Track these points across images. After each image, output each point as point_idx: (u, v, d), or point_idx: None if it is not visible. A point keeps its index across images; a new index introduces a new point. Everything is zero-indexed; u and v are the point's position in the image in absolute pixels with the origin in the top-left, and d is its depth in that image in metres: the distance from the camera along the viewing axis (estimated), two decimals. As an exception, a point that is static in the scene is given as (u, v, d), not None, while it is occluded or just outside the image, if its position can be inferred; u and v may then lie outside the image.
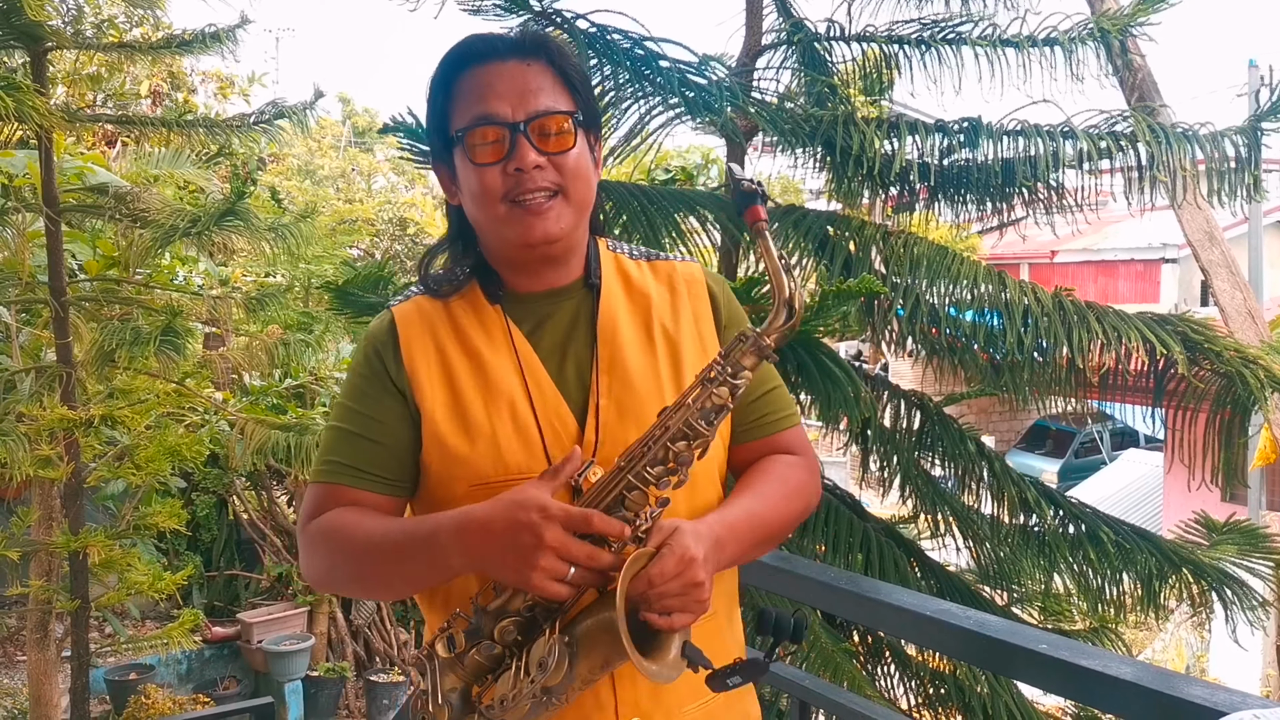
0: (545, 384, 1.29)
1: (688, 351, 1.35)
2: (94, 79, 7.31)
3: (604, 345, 1.32)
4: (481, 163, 1.25)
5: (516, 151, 1.24)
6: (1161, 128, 3.17)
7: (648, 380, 1.31)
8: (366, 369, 1.33)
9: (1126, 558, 3.26)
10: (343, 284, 3.28)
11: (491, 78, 1.27)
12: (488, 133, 1.25)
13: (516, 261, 1.32)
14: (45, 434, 4.25)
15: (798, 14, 3.58)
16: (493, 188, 1.25)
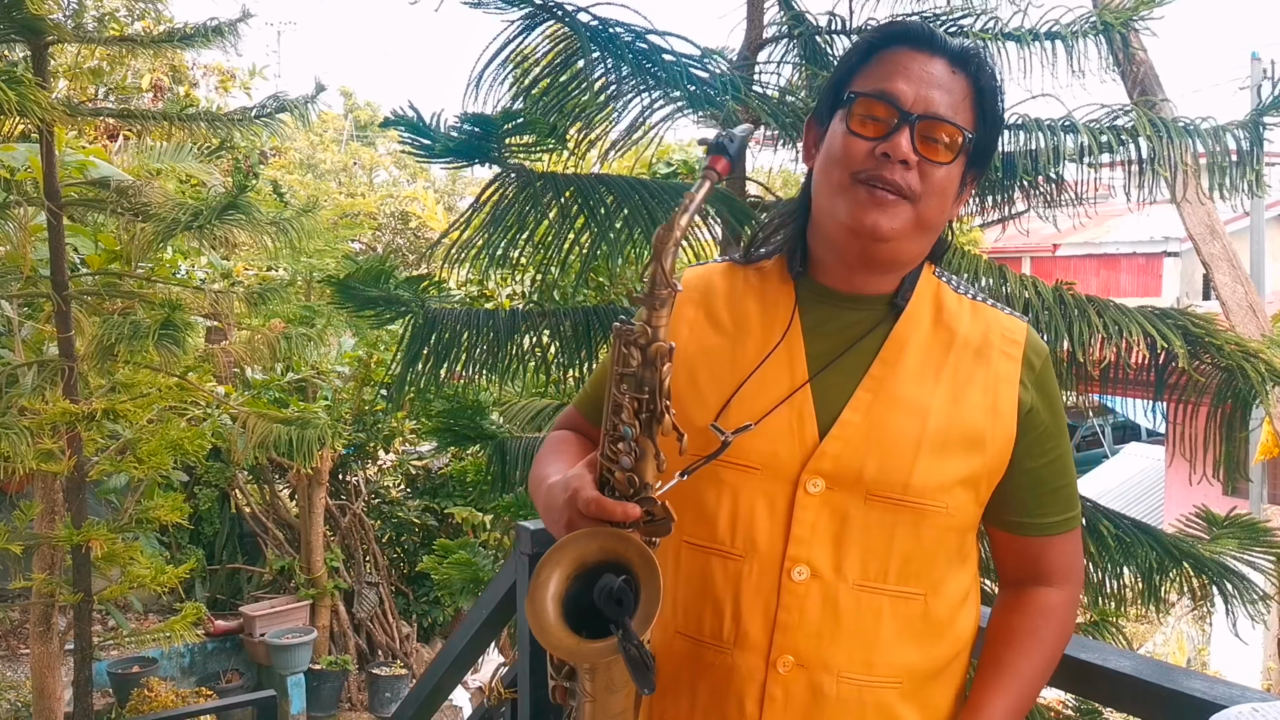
0: (800, 371, 1.23)
1: (970, 405, 1.22)
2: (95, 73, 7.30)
3: (881, 365, 1.23)
4: (856, 131, 1.18)
5: (894, 137, 1.16)
6: (1163, 122, 3.16)
7: (914, 415, 1.20)
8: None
9: (1127, 551, 3.26)
10: (344, 278, 3.28)
11: (912, 64, 1.19)
12: (879, 108, 1.18)
13: (837, 246, 1.24)
14: (47, 428, 4.26)
15: (799, 7, 3.57)
16: (852, 156, 1.18)
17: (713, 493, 1.23)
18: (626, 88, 3.10)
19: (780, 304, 1.27)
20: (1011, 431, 1.24)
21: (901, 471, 1.19)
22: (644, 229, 3.09)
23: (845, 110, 1.20)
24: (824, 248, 1.27)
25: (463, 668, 2.75)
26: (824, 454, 1.19)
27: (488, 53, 3.07)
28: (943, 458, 1.20)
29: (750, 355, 1.25)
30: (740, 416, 1.21)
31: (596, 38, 3.00)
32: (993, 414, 1.23)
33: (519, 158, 3.08)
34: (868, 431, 1.20)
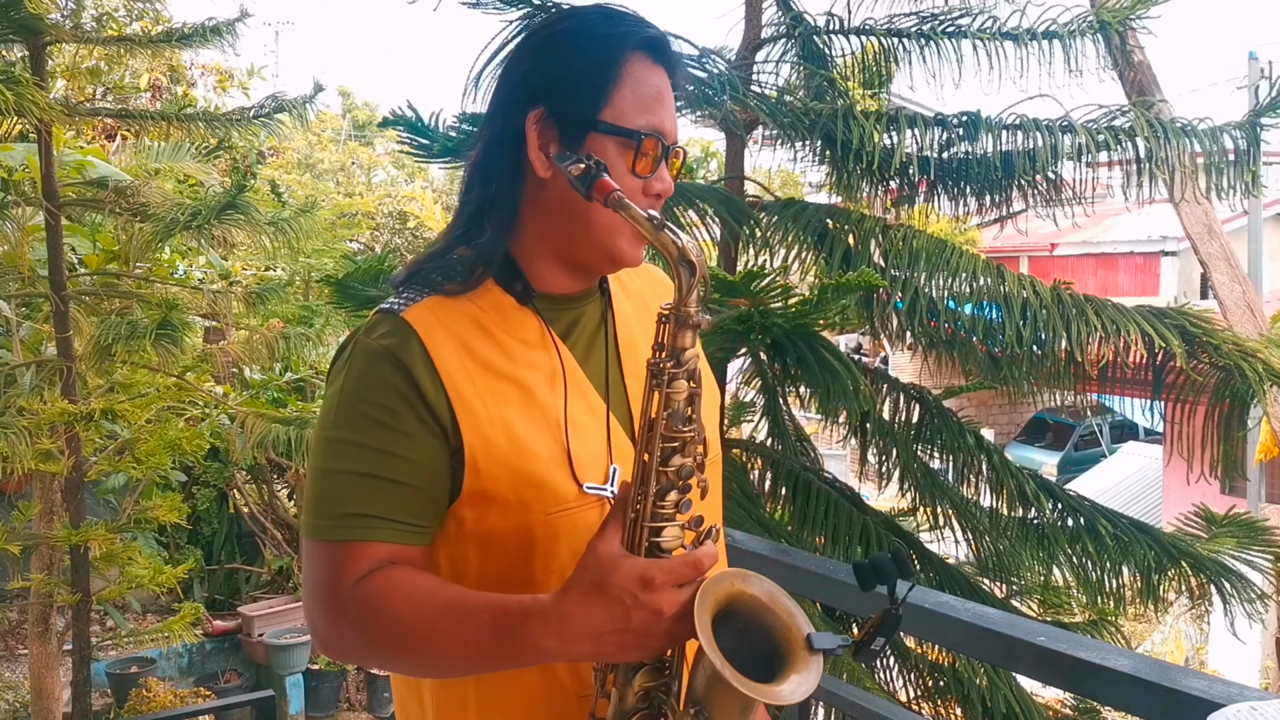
0: (591, 393, 1.21)
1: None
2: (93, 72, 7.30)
3: (625, 348, 1.26)
4: (640, 173, 1.17)
5: (663, 173, 1.19)
6: (1160, 122, 3.17)
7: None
8: (382, 391, 1.11)
9: (1125, 550, 3.27)
10: (343, 278, 3.28)
11: (664, 87, 1.19)
12: (654, 146, 1.17)
13: (585, 265, 1.22)
14: (46, 428, 4.26)
15: (797, 7, 3.58)
16: (632, 198, 1.10)
17: (576, 539, 1.11)
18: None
19: (526, 325, 1.19)
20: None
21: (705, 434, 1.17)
22: (642, 229, 3.08)
23: (619, 142, 1.15)
24: (559, 262, 1.22)
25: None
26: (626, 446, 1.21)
27: (486, 52, 3.06)
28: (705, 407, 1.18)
29: (541, 387, 1.17)
30: (579, 458, 1.16)
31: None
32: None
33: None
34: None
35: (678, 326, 1.06)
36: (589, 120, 1.15)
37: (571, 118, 1.16)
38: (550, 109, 1.16)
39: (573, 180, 1.09)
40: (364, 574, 1.10)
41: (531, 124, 1.16)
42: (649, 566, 1.00)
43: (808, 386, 2.88)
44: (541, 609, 1.02)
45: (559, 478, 1.13)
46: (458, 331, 1.15)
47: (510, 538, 1.13)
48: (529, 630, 1.02)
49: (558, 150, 1.15)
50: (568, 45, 1.19)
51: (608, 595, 0.99)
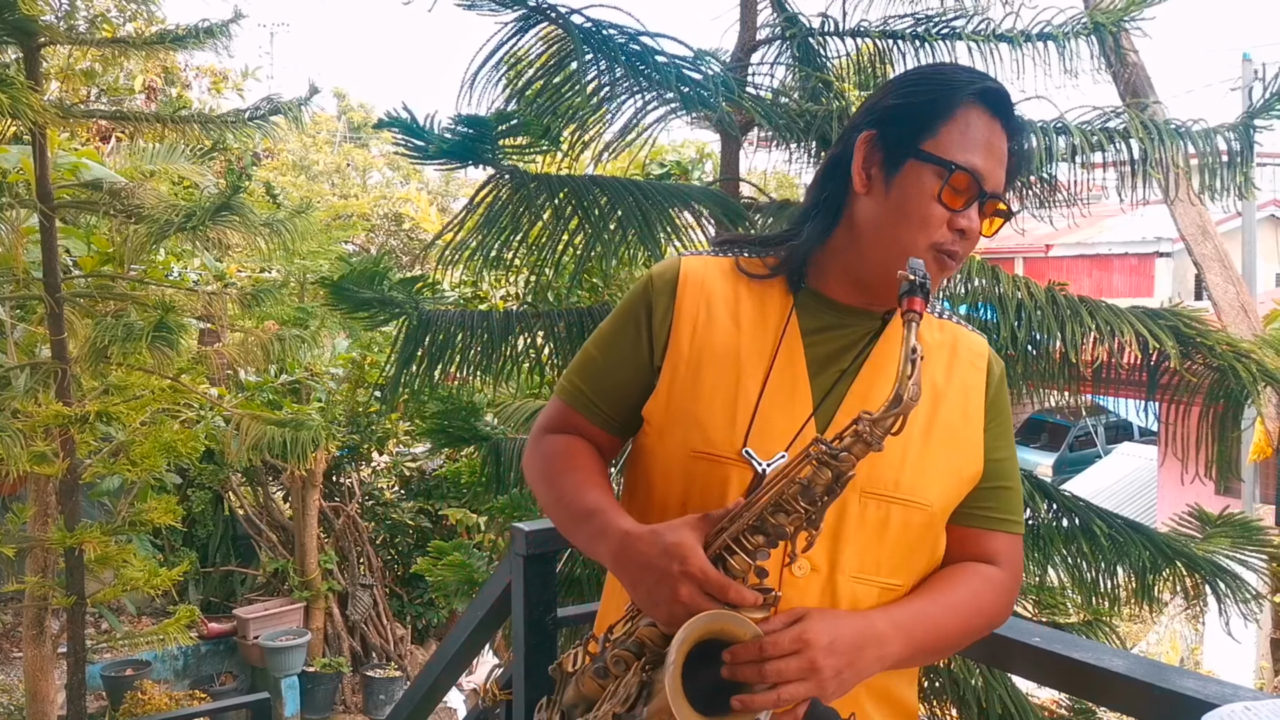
0: (800, 382, 1.28)
1: (948, 411, 1.32)
2: (88, 74, 7.30)
3: (870, 369, 1.30)
4: (946, 203, 1.24)
5: (971, 213, 1.25)
6: (1154, 124, 3.17)
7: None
8: (634, 304, 1.37)
9: (1120, 551, 3.27)
10: (338, 279, 3.28)
11: (994, 138, 1.27)
12: (968, 182, 1.24)
13: (874, 285, 1.30)
14: (41, 430, 4.25)
15: (792, 9, 3.58)
16: (934, 225, 1.25)
17: (719, 487, 1.26)
18: (620, 89, 3.10)
19: (777, 309, 1.32)
20: (980, 434, 1.34)
21: (892, 469, 1.25)
22: (637, 230, 3.09)
23: (936, 171, 1.25)
24: (845, 271, 1.32)
25: (457, 669, 2.75)
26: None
27: (481, 54, 3.07)
28: (926, 456, 1.28)
29: (751, 357, 1.29)
30: (742, 412, 1.27)
31: (590, 39, 3.00)
32: (964, 418, 1.33)
33: (513, 159, 3.09)
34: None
35: (853, 435, 1.12)
36: (912, 146, 1.26)
37: (898, 142, 1.27)
38: (882, 133, 1.29)
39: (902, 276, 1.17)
40: (559, 428, 1.42)
41: (861, 143, 1.30)
42: (698, 558, 1.13)
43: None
44: (624, 525, 1.22)
45: (718, 426, 1.26)
46: (712, 288, 1.34)
47: (659, 462, 1.32)
48: (605, 535, 1.24)
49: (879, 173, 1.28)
50: (914, 83, 1.32)
51: (663, 551, 1.15)
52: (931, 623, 1.25)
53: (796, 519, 1.13)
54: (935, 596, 1.28)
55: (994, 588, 1.32)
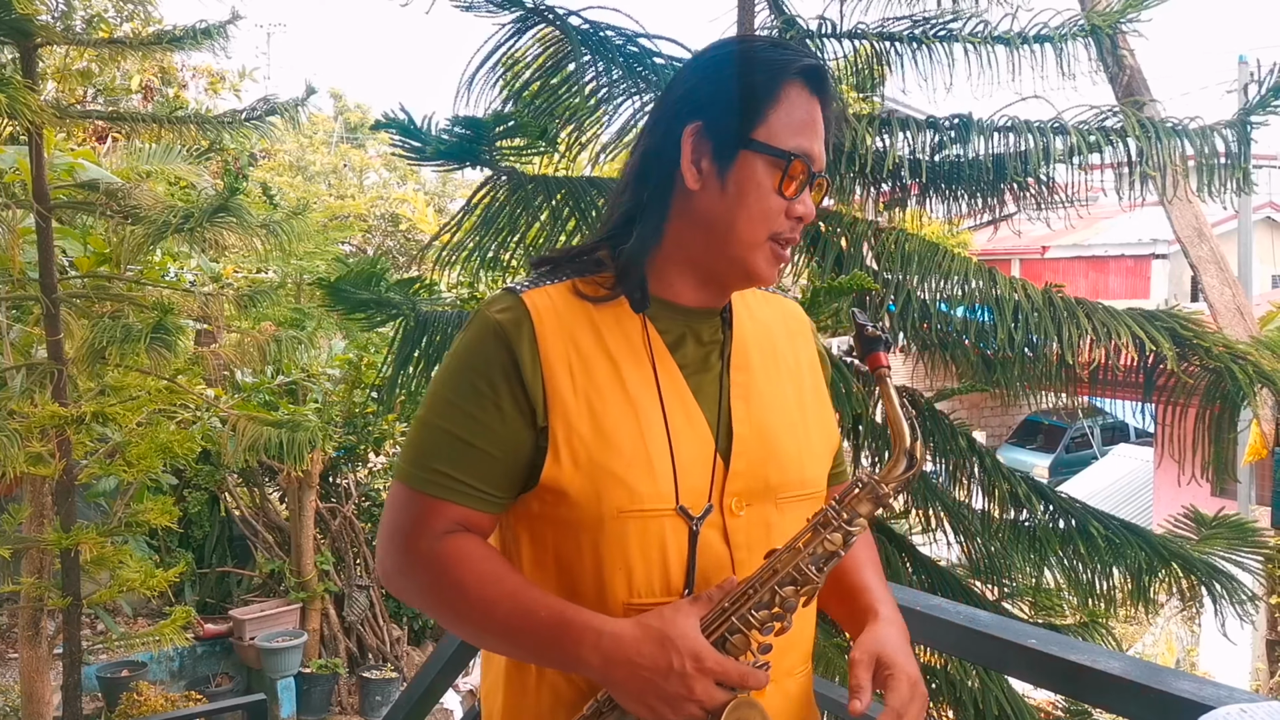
0: (690, 404, 1.22)
1: (806, 388, 1.33)
2: (84, 74, 7.28)
3: (738, 371, 1.27)
4: (785, 194, 1.20)
5: (806, 198, 1.22)
6: (1151, 123, 3.18)
7: (783, 412, 1.28)
8: (487, 363, 1.18)
9: (1117, 552, 3.28)
10: (335, 280, 3.27)
11: (817, 115, 1.23)
12: (803, 168, 1.21)
13: (715, 276, 1.25)
14: (37, 431, 4.25)
15: (789, 11, 3.58)
16: (773, 217, 1.20)
17: (657, 545, 1.18)
18: (618, 91, 3.10)
19: (636, 328, 1.23)
20: (830, 405, 1.37)
21: (797, 468, 1.27)
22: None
23: (769, 161, 1.20)
24: (685, 271, 1.25)
25: (454, 670, 2.75)
26: (735, 474, 1.22)
27: (479, 55, 3.07)
28: (811, 441, 1.31)
29: (638, 391, 1.20)
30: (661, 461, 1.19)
31: (587, 41, 3.00)
32: (816, 392, 1.35)
33: (510, 160, 3.08)
34: (758, 440, 1.24)
35: (867, 495, 1.14)
36: (743, 137, 1.19)
37: (727, 134, 1.20)
38: (707, 124, 1.21)
39: (858, 334, 1.21)
40: (441, 532, 1.19)
41: (688, 136, 1.21)
42: (710, 651, 1.08)
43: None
44: (599, 624, 1.11)
45: (638, 478, 1.16)
46: (570, 323, 1.21)
47: (578, 530, 1.17)
48: (581, 639, 1.11)
49: (710, 166, 1.21)
50: (732, 66, 1.23)
51: (663, 646, 1.08)
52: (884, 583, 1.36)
53: (809, 589, 1.12)
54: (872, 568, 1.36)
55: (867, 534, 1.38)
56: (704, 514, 1.18)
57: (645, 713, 1.09)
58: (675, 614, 1.10)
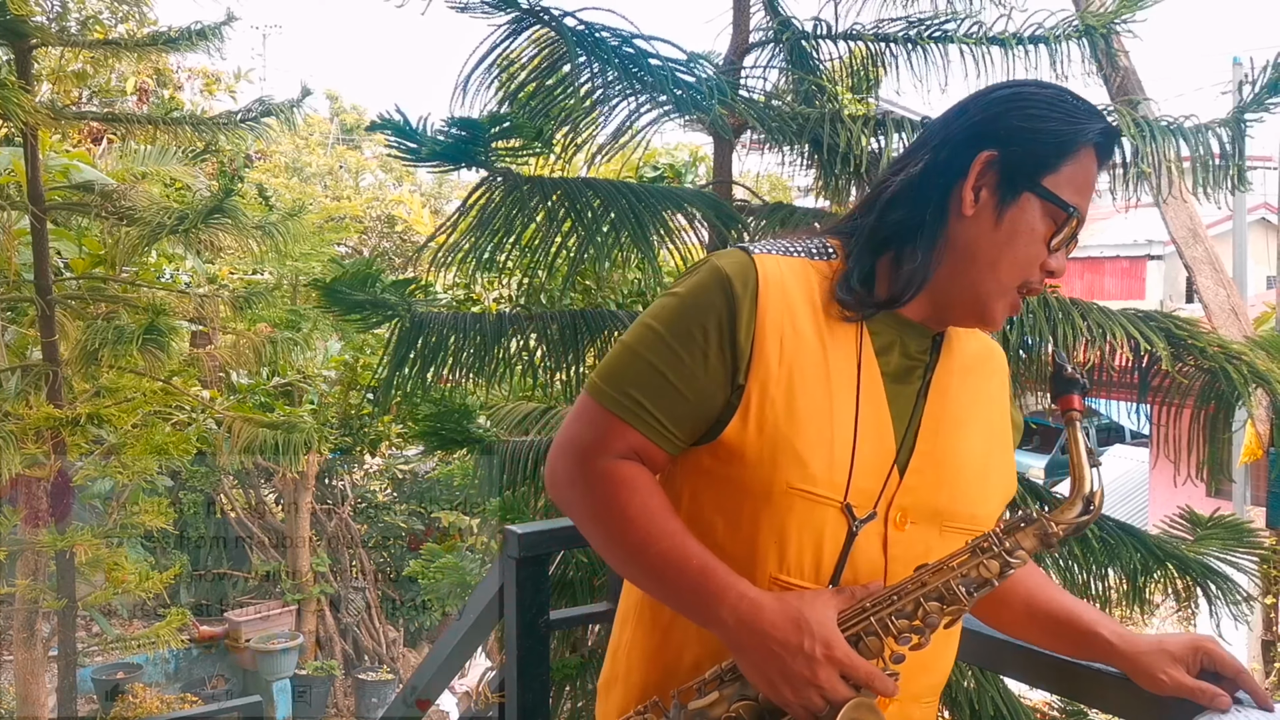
0: (881, 410, 1.21)
1: (994, 428, 1.32)
2: (79, 75, 7.26)
3: (937, 394, 1.26)
4: (1050, 245, 1.20)
5: (1061, 256, 1.22)
6: (1146, 122, 3.18)
7: (968, 446, 1.27)
8: (707, 310, 1.18)
9: (1112, 553, 3.28)
10: (331, 282, 3.27)
11: (1093, 181, 1.23)
12: (1076, 226, 1.21)
13: (946, 305, 1.24)
14: (32, 432, 4.24)
15: (785, 12, 3.59)
16: (1030, 266, 1.20)
17: (815, 530, 1.19)
18: (613, 92, 3.10)
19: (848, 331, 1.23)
20: (1013, 450, 1.35)
21: (968, 503, 1.26)
22: (630, 233, 3.09)
23: (1055, 217, 1.20)
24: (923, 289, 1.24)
25: (450, 672, 2.75)
26: (907, 489, 1.21)
27: (474, 57, 3.07)
28: (990, 483, 1.29)
29: (839, 381, 1.20)
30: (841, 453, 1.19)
31: (583, 42, 3.00)
32: (1004, 434, 1.33)
33: (506, 161, 3.08)
34: (937, 464, 1.24)
35: (1035, 533, 1.15)
36: (1034, 180, 1.19)
37: (1019, 171, 1.19)
38: (1003, 155, 1.19)
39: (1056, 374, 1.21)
40: (618, 454, 1.20)
41: (978, 162, 1.19)
42: (841, 642, 1.08)
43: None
44: (743, 589, 1.12)
45: (817, 459, 1.17)
46: (793, 297, 1.20)
47: (744, 494, 1.18)
48: (722, 597, 1.12)
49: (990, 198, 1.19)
50: (1045, 108, 1.22)
51: (798, 626, 1.09)
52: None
53: (954, 609, 1.13)
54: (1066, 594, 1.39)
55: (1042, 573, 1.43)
56: (867, 518, 1.19)
57: (765, 686, 1.10)
58: (816, 598, 1.12)
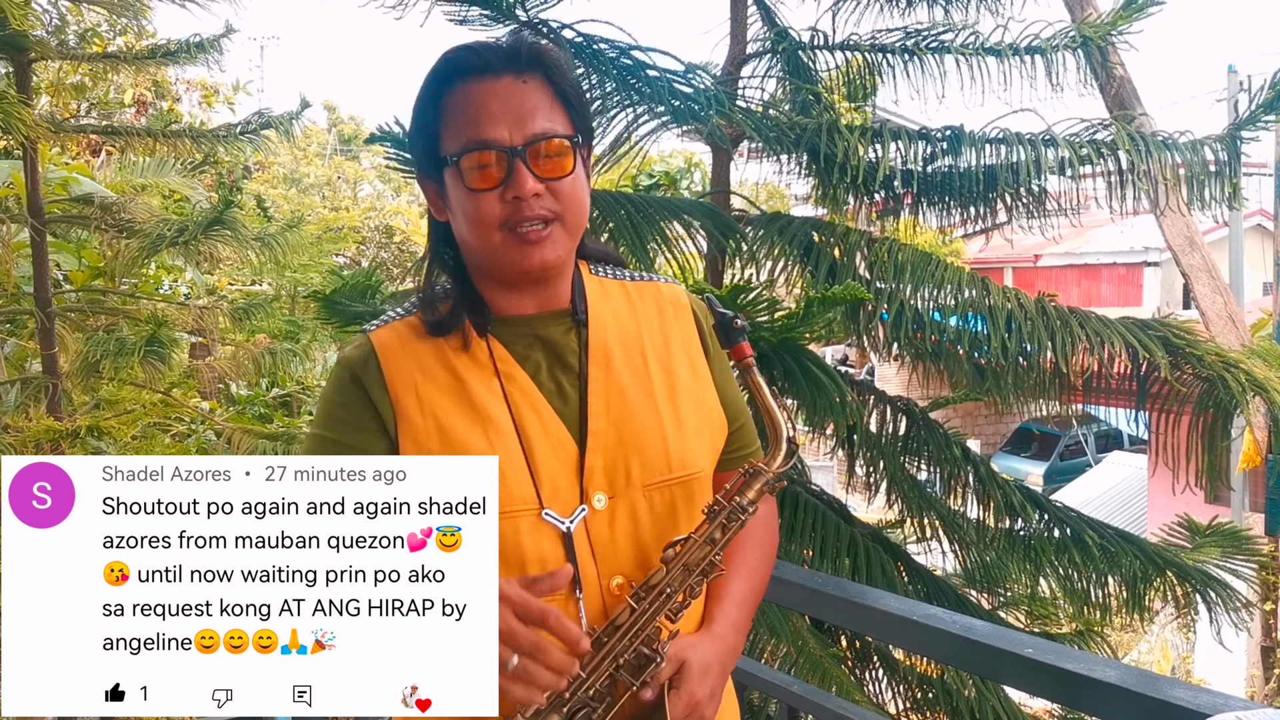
0: (543, 408, 1.24)
1: (680, 372, 1.32)
2: (78, 88, 7.28)
3: (596, 368, 1.27)
4: (477, 188, 1.18)
5: (514, 179, 1.17)
6: (1141, 136, 3.20)
7: (644, 403, 1.27)
8: (343, 395, 1.25)
9: (1111, 560, 3.28)
10: (329, 292, 3.28)
11: (485, 96, 1.19)
12: (484, 157, 1.18)
13: (508, 282, 1.26)
14: (32, 445, 4.24)
15: (782, 23, 3.60)
16: (489, 215, 1.19)
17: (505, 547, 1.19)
18: (611, 103, 3.12)
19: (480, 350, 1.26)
20: (711, 384, 1.35)
21: (659, 453, 1.26)
22: (629, 243, 3.10)
23: (455, 171, 1.20)
24: (497, 287, 1.27)
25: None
26: (592, 469, 1.23)
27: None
28: (681, 425, 1.29)
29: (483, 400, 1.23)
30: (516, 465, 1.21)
31: (581, 53, 3.02)
32: (694, 373, 1.33)
33: (504, 173, 3.09)
34: (617, 432, 1.25)
35: (755, 482, 1.24)
36: (432, 164, 1.24)
37: (426, 167, 1.26)
38: (419, 167, 1.29)
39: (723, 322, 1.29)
40: None
41: (423, 187, 1.29)
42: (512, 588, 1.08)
43: (794, 399, 2.88)
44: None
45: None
46: (418, 349, 1.26)
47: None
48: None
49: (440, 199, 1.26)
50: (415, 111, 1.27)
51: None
52: (750, 598, 1.35)
53: (716, 575, 1.22)
54: (741, 571, 1.34)
55: (763, 524, 1.38)
56: (577, 514, 1.21)
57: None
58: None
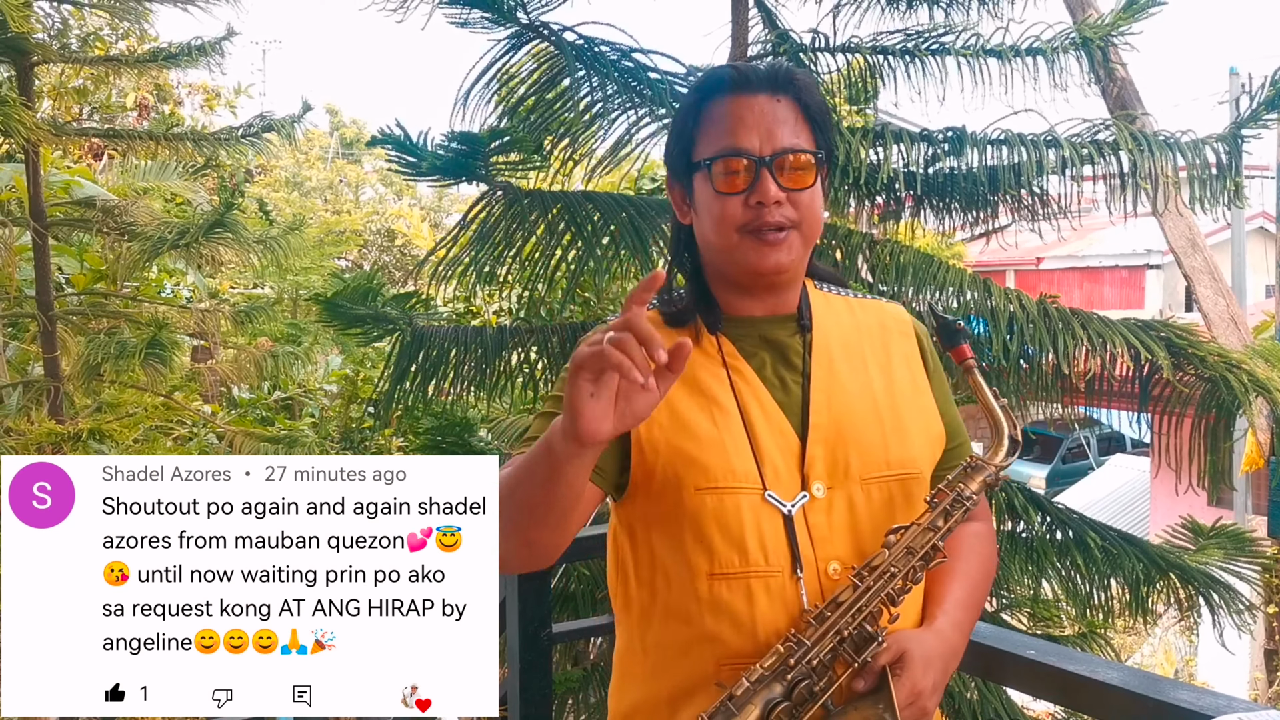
0: (765, 399, 1.32)
1: (900, 380, 1.38)
2: (80, 92, 7.30)
3: (819, 367, 1.34)
4: (724, 192, 1.29)
5: (760, 185, 1.27)
6: (1144, 136, 3.19)
7: (864, 403, 1.34)
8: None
9: (1114, 563, 3.28)
10: (331, 296, 3.28)
11: (741, 110, 1.31)
12: (734, 164, 1.29)
13: (742, 284, 1.35)
14: (34, 448, 4.24)
15: (783, 25, 3.60)
16: (732, 216, 1.29)
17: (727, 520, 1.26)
18: (612, 105, 3.12)
19: (713, 349, 1.34)
20: (931, 398, 1.41)
21: (878, 449, 1.32)
22: (630, 245, 3.10)
23: (705, 174, 1.31)
24: (731, 288, 1.36)
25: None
26: (813, 459, 1.29)
27: (474, 71, 3.08)
28: (900, 426, 1.35)
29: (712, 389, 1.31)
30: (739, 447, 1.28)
31: (582, 56, 3.02)
32: (914, 386, 1.40)
33: (505, 175, 3.09)
34: (837, 426, 1.32)
35: (977, 474, 1.30)
36: (685, 166, 1.34)
37: (678, 169, 1.37)
38: (670, 170, 1.39)
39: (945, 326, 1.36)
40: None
41: (668, 188, 1.40)
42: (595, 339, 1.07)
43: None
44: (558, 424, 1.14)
45: (714, 459, 1.27)
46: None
47: (666, 512, 1.28)
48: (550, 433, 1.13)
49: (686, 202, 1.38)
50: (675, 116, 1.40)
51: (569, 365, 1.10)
52: (972, 605, 1.38)
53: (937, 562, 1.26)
54: (962, 579, 1.38)
55: (985, 541, 1.44)
56: (799, 500, 1.27)
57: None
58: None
